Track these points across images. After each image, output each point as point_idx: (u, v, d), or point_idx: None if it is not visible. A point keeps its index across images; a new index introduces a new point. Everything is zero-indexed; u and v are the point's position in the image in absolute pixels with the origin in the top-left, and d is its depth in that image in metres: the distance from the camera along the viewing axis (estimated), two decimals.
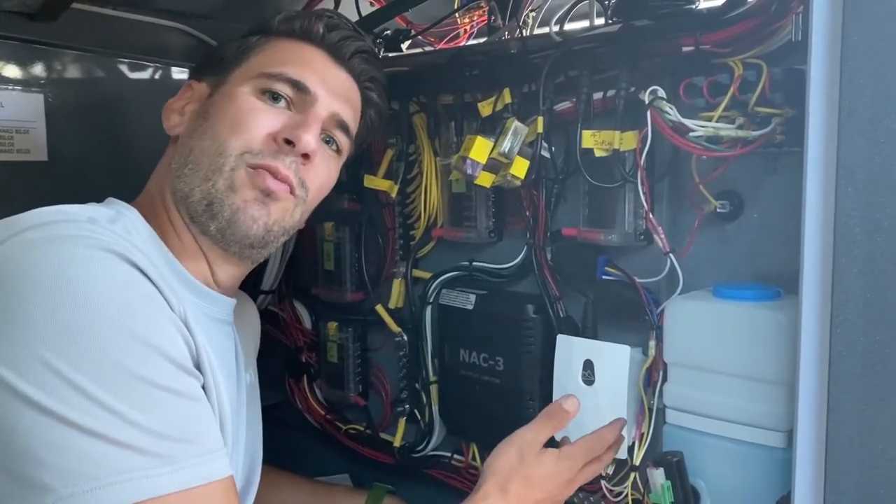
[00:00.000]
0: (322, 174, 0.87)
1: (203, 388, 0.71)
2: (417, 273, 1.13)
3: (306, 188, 0.84)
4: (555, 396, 0.93)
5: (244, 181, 0.79)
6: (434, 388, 1.11)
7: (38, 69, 1.12)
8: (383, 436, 1.21)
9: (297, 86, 0.84)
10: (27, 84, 1.10)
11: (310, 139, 0.82)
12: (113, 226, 0.73)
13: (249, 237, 0.81)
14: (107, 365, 0.61)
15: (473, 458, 1.09)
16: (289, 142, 0.81)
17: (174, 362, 0.66)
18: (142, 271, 0.68)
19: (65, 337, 0.60)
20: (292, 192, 0.82)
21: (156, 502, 0.61)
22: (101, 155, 1.17)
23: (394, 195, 1.12)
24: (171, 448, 0.63)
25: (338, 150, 0.90)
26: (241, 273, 0.90)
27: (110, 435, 0.60)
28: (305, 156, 0.82)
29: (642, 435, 0.88)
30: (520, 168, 0.92)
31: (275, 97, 0.83)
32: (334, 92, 0.87)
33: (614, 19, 0.87)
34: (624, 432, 0.88)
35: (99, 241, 0.66)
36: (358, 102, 0.93)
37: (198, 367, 0.71)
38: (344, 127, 0.89)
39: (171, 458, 0.62)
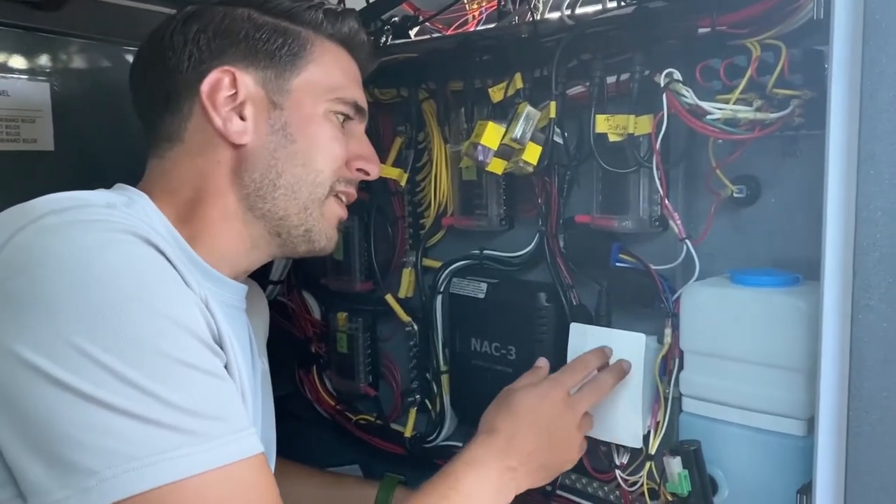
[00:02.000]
0: None
1: (226, 367, 0.71)
2: (427, 262, 1.13)
3: None
4: None
5: (331, 211, 0.87)
6: (445, 378, 1.10)
7: (44, 58, 1.11)
8: (394, 426, 1.20)
9: (360, 112, 0.90)
10: (33, 73, 1.09)
11: (377, 170, 0.91)
12: (130, 209, 0.74)
13: (324, 254, 0.89)
14: (138, 346, 0.61)
15: None
16: (361, 169, 0.89)
17: (202, 341, 0.67)
18: (162, 253, 0.68)
19: (94, 320, 0.60)
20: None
21: (195, 480, 0.61)
22: (109, 144, 1.16)
23: (403, 183, 1.11)
24: (206, 426, 0.63)
25: None
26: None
27: (146, 415, 0.60)
28: None
29: (658, 424, 0.87)
30: (532, 154, 0.91)
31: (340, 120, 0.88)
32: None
33: (627, 1, 0.86)
34: (639, 421, 0.87)
35: (119, 224, 0.67)
36: None
37: (220, 347, 0.71)
38: None
39: (207, 435, 0.63)
